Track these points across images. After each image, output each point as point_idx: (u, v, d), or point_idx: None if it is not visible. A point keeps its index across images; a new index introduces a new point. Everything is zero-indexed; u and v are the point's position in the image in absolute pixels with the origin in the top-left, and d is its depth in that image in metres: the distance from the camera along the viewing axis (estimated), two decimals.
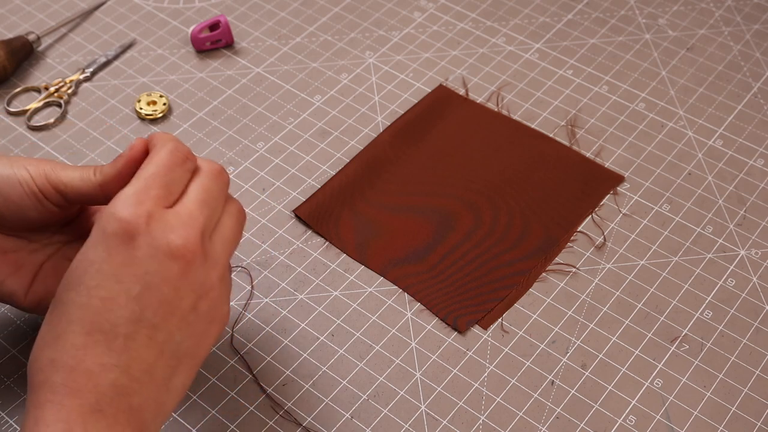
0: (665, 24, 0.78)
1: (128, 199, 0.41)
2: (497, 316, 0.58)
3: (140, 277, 0.40)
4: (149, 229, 0.40)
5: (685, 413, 0.53)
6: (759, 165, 0.66)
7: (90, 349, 0.40)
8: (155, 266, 0.41)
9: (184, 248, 0.41)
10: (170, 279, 0.41)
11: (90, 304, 0.40)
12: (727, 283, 0.59)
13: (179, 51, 0.75)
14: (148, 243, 0.40)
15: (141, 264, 0.40)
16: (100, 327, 0.40)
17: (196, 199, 0.43)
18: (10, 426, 0.52)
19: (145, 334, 0.40)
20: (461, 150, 0.67)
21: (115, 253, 0.40)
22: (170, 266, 0.41)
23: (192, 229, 0.41)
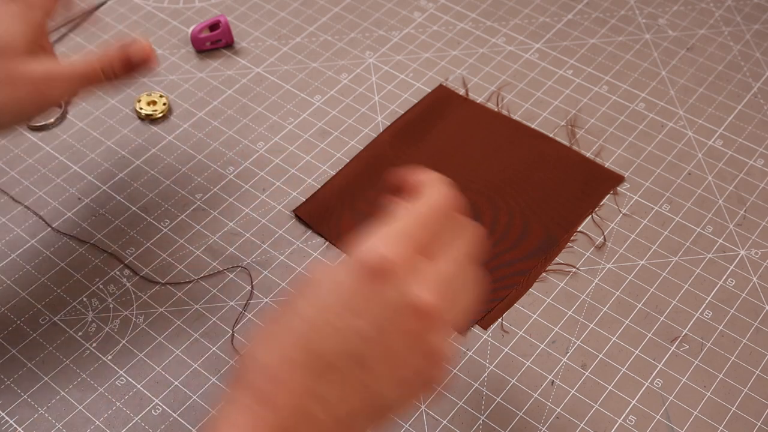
0: (665, 24, 0.78)
1: (392, 237, 0.39)
2: (497, 316, 0.58)
3: (377, 318, 0.38)
4: (404, 274, 0.38)
5: (685, 413, 0.53)
6: (759, 165, 0.66)
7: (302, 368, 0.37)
8: (396, 315, 0.38)
9: (431, 307, 0.38)
10: (404, 332, 0.38)
11: (318, 325, 0.38)
12: (727, 283, 0.59)
13: (179, 51, 0.75)
14: (397, 288, 0.38)
15: (383, 306, 0.38)
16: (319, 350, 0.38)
17: (453, 258, 0.40)
18: (10, 426, 0.52)
19: (359, 376, 0.38)
20: (461, 150, 0.67)
21: (363, 285, 0.38)
22: (410, 320, 0.38)
23: (446, 291, 0.39)
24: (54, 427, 0.53)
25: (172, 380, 0.55)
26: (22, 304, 0.58)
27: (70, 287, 0.59)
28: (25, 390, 0.54)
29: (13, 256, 0.61)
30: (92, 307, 0.58)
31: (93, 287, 0.59)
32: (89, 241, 0.62)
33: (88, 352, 0.56)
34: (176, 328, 0.57)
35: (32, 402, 0.54)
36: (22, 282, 0.59)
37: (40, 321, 0.57)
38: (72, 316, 0.58)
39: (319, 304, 0.38)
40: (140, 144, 0.68)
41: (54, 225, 0.63)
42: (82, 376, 0.55)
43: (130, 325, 0.57)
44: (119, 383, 0.54)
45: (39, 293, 0.59)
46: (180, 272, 0.60)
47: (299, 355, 0.37)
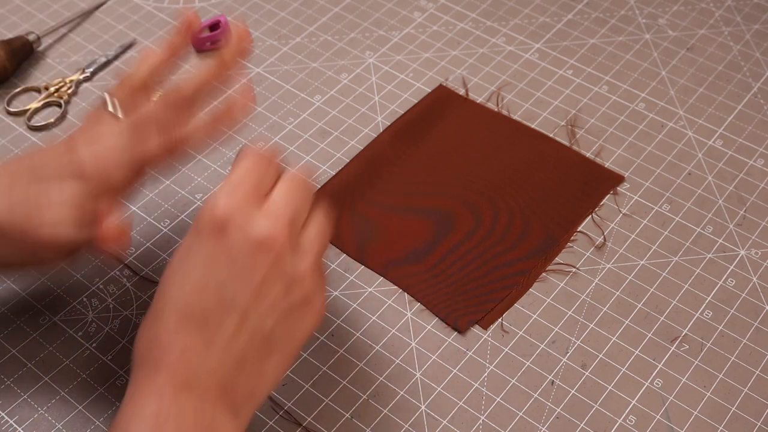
0: (665, 24, 0.78)
1: (220, 195, 0.43)
2: (497, 316, 0.58)
3: (230, 265, 0.42)
4: (238, 220, 0.43)
5: (685, 413, 0.53)
6: (759, 165, 0.66)
7: (182, 332, 0.42)
8: (244, 254, 0.42)
9: (272, 237, 0.43)
10: (259, 267, 0.42)
11: (183, 290, 0.42)
12: (727, 283, 0.59)
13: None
14: (237, 233, 0.42)
15: (230, 252, 0.42)
16: (192, 312, 0.42)
17: (282, 195, 0.45)
18: (11, 426, 0.52)
19: (234, 320, 0.42)
20: (461, 150, 0.67)
21: (207, 242, 0.43)
22: (258, 255, 0.43)
23: (278, 220, 0.43)
24: (54, 427, 0.53)
25: None
26: (22, 304, 0.58)
27: (70, 287, 0.59)
28: (25, 390, 0.54)
29: None
30: (92, 307, 0.58)
31: (93, 287, 0.59)
32: None
33: (88, 352, 0.56)
34: None
35: (32, 402, 0.54)
36: (22, 282, 0.59)
37: (40, 321, 0.57)
38: (72, 316, 0.58)
39: (179, 274, 0.43)
40: None
41: None
42: (82, 376, 0.55)
43: (131, 325, 0.57)
44: (119, 383, 0.54)
45: (39, 293, 0.59)
46: None
47: (176, 320, 0.42)
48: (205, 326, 0.42)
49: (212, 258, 0.43)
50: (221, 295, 0.42)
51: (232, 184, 0.44)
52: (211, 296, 0.42)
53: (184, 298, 0.42)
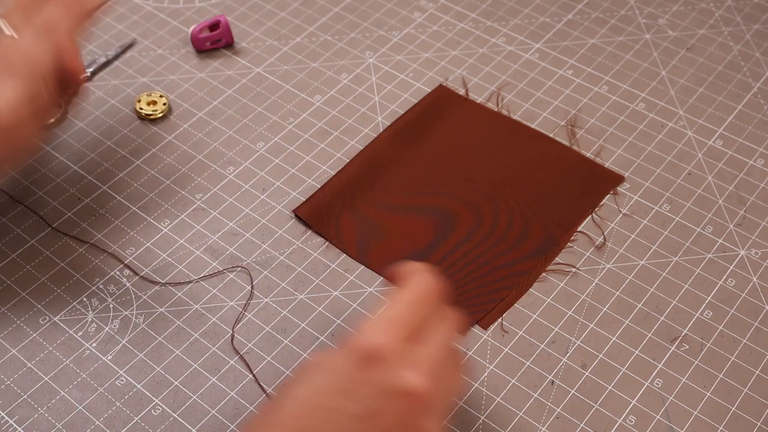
0: (665, 24, 0.78)
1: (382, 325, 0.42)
2: (497, 316, 0.58)
3: (368, 401, 0.41)
4: (393, 359, 0.41)
5: (685, 413, 0.53)
6: (759, 165, 0.66)
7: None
8: (385, 396, 0.41)
9: (419, 389, 0.41)
10: (395, 413, 0.41)
11: (311, 407, 0.41)
12: (727, 283, 0.59)
13: (179, 51, 0.75)
14: (387, 372, 0.41)
15: (374, 389, 0.41)
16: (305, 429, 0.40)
17: (437, 347, 0.43)
18: (11, 426, 0.52)
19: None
20: (461, 150, 0.67)
21: (353, 370, 0.41)
22: (400, 402, 0.41)
23: (428, 374, 0.42)
24: (54, 427, 0.53)
25: (172, 380, 0.55)
26: (22, 304, 0.58)
27: (70, 287, 0.59)
28: (25, 390, 0.54)
29: (13, 256, 0.61)
30: (92, 307, 0.58)
31: (93, 287, 0.59)
32: (89, 241, 0.62)
33: (88, 352, 0.56)
34: (176, 328, 0.57)
35: (32, 402, 0.54)
36: (22, 282, 0.59)
37: (40, 321, 0.57)
38: (72, 316, 0.58)
39: (314, 388, 0.41)
40: (140, 144, 0.68)
41: (54, 225, 0.63)
42: (82, 376, 0.55)
43: (130, 325, 0.57)
44: (119, 383, 0.54)
45: (39, 293, 0.59)
46: (180, 272, 0.60)
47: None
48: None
49: (351, 386, 0.41)
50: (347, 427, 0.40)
51: (392, 316, 0.43)
52: (336, 425, 0.40)
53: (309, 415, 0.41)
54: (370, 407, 0.40)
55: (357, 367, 0.41)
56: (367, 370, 0.41)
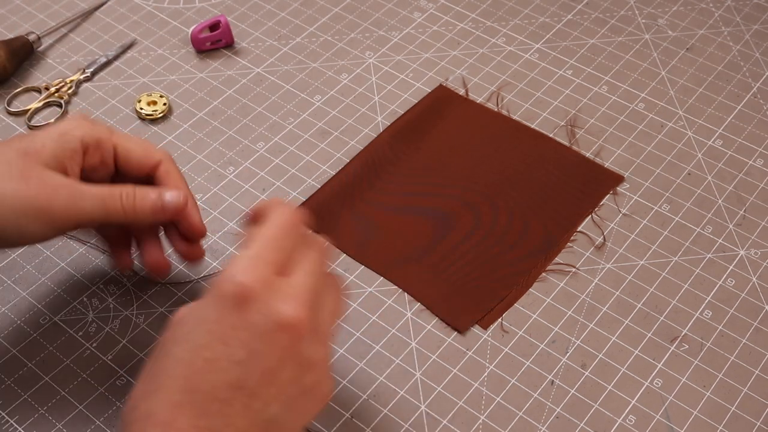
0: (665, 24, 0.78)
1: (246, 263, 0.41)
2: (497, 316, 0.58)
3: (247, 342, 0.40)
4: (262, 296, 0.40)
5: (685, 413, 0.53)
6: (758, 165, 0.67)
7: (186, 408, 0.39)
8: (263, 334, 0.40)
9: (295, 319, 0.40)
10: (276, 349, 0.40)
11: (193, 363, 0.40)
12: (727, 283, 0.60)
13: (179, 51, 0.75)
14: (259, 310, 0.40)
15: (250, 330, 0.40)
16: (199, 387, 0.39)
17: (307, 271, 0.43)
18: (11, 426, 0.52)
19: (242, 401, 0.40)
20: (461, 150, 0.67)
21: (227, 315, 0.40)
22: (278, 336, 0.40)
23: (303, 301, 0.41)
24: (54, 426, 0.53)
25: None
26: (23, 304, 0.58)
27: (70, 287, 0.59)
28: (25, 390, 0.54)
29: (14, 256, 0.61)
30: (92, 307, 0.58)
31: (93, 287, 0.59)
32: (89, 241, 0.62)
33: (89, 352, 0.56)
34: None
35: (32, 402, 0.54)
36: (22, 282, 0.60)
37: (41, 321, 0.57)
38: (72, 316, 0.58)
39: (191, 343, 0.40)
40: None
41: None
42: (82, 376, 0.55)
43: (131, 325, 0.57)
44: (119, 383, 0.54)
45: (39, 293, 0.59)
46: (180, 272, 0.60)
47: (180, 396, 0.39)
48: (211, 405, 0.39)
49: (229, 332, 0.40)
50: (233, 373, 0.40)
51: (256, 253, 0.42)
52: (223, 374, 0.39)
53: (194, 370, 0.40)
54: (251, 348, 0.40)
55: (229, 312, 0.40)
56: (240, 313, 0.40)
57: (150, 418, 0.39)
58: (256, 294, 0.40)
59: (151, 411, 0.39)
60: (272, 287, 0.41)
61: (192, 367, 0.40)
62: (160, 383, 0.40)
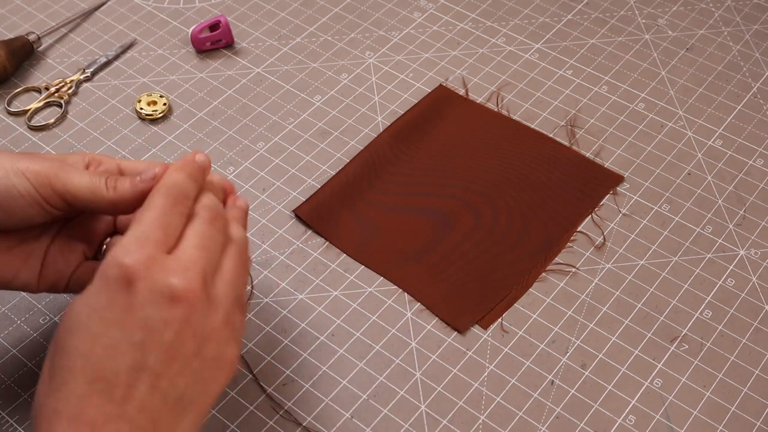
0: (665, 24, 0.78)
1: (129, 245, 0.41)
2: (497, 316, 0.58)
3: (141, 322, 0.40)
4: (149, 273, 0.40)
5: (685, 413, 0.53)
6: (758, 165, 0.67)
7: (92, 398, 0.39)
8: (156, 311, 0.40)
9: (185, 291, 0.40)
10: (172, 324, 0.40)
11: (92, 352, 0.39)
12: (727, 283, 0.60)
13: (179, 51, 0.75)
14: (148, 288, 0.40)
15: (142, 309, 0.40)
16: (102, 376, 0.39)
17: (194, 243, 0.42)
18: (11, 426, 0.52)
19: (147, 381, 0.40)
20: (461, 150, 0.67)
21: (117, 299, 0.40)
22: (171, 311, 0.40)
23: (192, 272, 0.41)
24: None
25: None
26: (23, 304, 0.58)
27: None
28: (25, 390, 0.54)
29: None
30: None
31: None
32: None
33: None
34: None
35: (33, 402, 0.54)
36: None
37: (41, 321, 0.57)
38: None
39: (86, 332, 0.40)
40: (140, 144, 0.68)
41: None
42: None
43: None
44: None
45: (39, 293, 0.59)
46: None
47: (84, 387, 0.39)
48: (117, 391, 0.39)
49: (122, 316, 0.40)
50: (133, 356, 0.39)
51: (140, 233, 0.41)
52: (123, 358, 0.39)
53: (94, 359, 0.39)
54: (147, 327, 0.40)
55: (118, 295, 0.40)
56: (129, 294, 0.40)
57: (56, 414, 0.39)
58: (141, 273, 0.40)
59: (57, 408, 0.39)
60: (157, 264, 0.40)
61: (92, 356, 0.39)
62: (63, 378, 0.39)
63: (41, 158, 0.48)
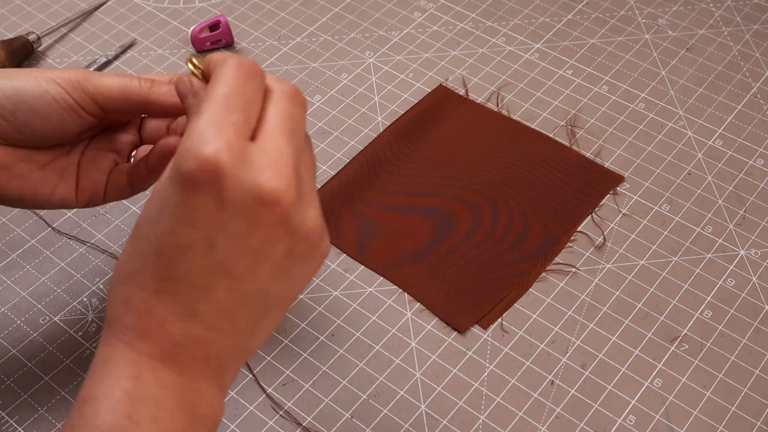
0: (665, 24, 0.78)
1: (205, 130, 0.34)
2: (497, 316, 0.58)
3: (224, 225, 0.35)
4: (235, 171, 0.34)
5: (685, 413, 0.53)
6: (758, 165, 0.67)
7: (162, 296, 0.36)
8: (243, 215, 0.35)
9: (278, 192, 0.35)
10: (261, 227, 0.35)
11: (164, 250, 0.35)
12: (727, 282, 0.60)
13: (179, 51, 0.75)
14: (232, 188, 0.34)
15: (225, 211, 0.35)
16: (174, 275, 0.35)
17: (280, 128, 0.36)
18: (11, 426, 0.53)
19: (226, 285, 0.36)
20: (461, 150, 0.67)
21: (193, 197, 0.34)
22: (261, 215, 0.35)
23: (284, 168, 0.35)
24: (54, 426, 0.53)
25: None
26: (23, 304, 0.58)
27: (70, 287, 0.59)
28: (25, 390, 0.54)
29: (13, 256, 0.61)
30: (92, 307, 0.58)
31: (93, 287, 0.59)
32: (89, 242, 0.62)
33: (89, 351, 0.56)
34: None
35: (32, 402, 0.54)
36: (22, 282, 0.60)
37: (41, 321, 0.58)
38: (72, 316, 0.58)
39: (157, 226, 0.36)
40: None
41: (54, 225, 0.63)
42: (82, 375, 0.55)
43: None
44: None
45: (39, 293, 0.59)
46: None
47: (155, 284, 0.36)
48: (190, 292, 0.36)
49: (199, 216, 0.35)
50: (211, 258, 0.35)
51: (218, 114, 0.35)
52: (198, 260, 0.35)
53: (166, 259, 0.35)
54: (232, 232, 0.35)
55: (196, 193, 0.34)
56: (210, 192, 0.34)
57: (127, 304, 0.36)
58: (224, 169, 0.34)
59: (127, 297, 0.37)
60: (242, 157, 0.34)
61: (163, 254, 0.36)
62: (136, 267, 0.37)
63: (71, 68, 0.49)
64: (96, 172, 0.51)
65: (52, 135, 0.48)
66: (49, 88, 0.46)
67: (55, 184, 0.50)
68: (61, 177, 0.50)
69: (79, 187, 0.51)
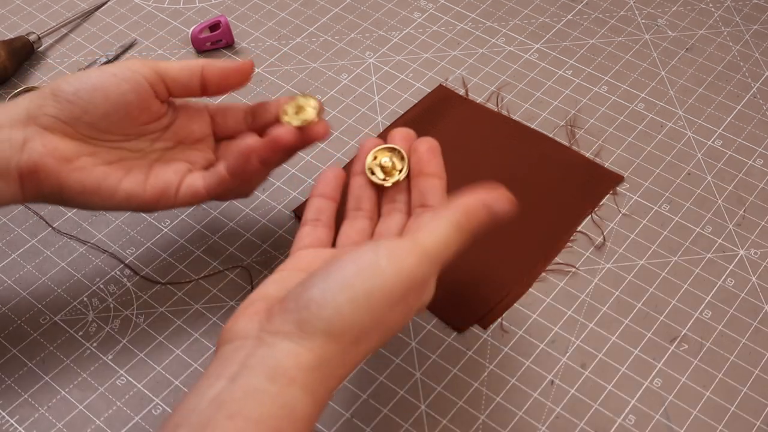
0: (664, 24, 0.78)
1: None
2: (497, 316, 0.58)
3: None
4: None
5: (685, 413, 0.53)
6: (758, 165, 0.67)
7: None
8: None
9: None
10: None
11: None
12: (727, 282, 0.60)
13: (180, 51, 0.75)
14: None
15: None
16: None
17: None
18: (11, 426, 0.53)
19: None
20: (461, 150, 0.67)
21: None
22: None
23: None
24: (54, 426, 0.53)
25: (173, 380, 0.55)
26: (23, 304, 0.58)
27: (70, 287, 0.59)
28: (25, 390, 0.54)
29: (14, 256, 0.61)
30: (93, 306, 0.58)
31: (93, 287, 0.59)
32: (89, 241, 0.62)
33: (89, 351, 0.56)
34: (176, 327, 0.57)
35: (33, 402, 0.54)
36: (22, 282, 0.60)
37: (41, 321, 0.58)
38: (72, 316, 0.58)
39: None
40: None
41: (54, 225, 0.63)
42: (82, 375, 0.55)
43: (131, 325, 0.57)
44: (119, 383, 0.54)
45: (39, 293, 0.59)
46: (180, 272, 0.60)
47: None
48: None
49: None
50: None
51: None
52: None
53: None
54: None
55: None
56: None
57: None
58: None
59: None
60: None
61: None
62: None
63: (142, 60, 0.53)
64: (168, 171, 0.53)
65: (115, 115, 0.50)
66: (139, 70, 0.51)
67: (119, 179, 0.51)
68: (126, 173, 0.52)
69: (148, 182, 0.52)
